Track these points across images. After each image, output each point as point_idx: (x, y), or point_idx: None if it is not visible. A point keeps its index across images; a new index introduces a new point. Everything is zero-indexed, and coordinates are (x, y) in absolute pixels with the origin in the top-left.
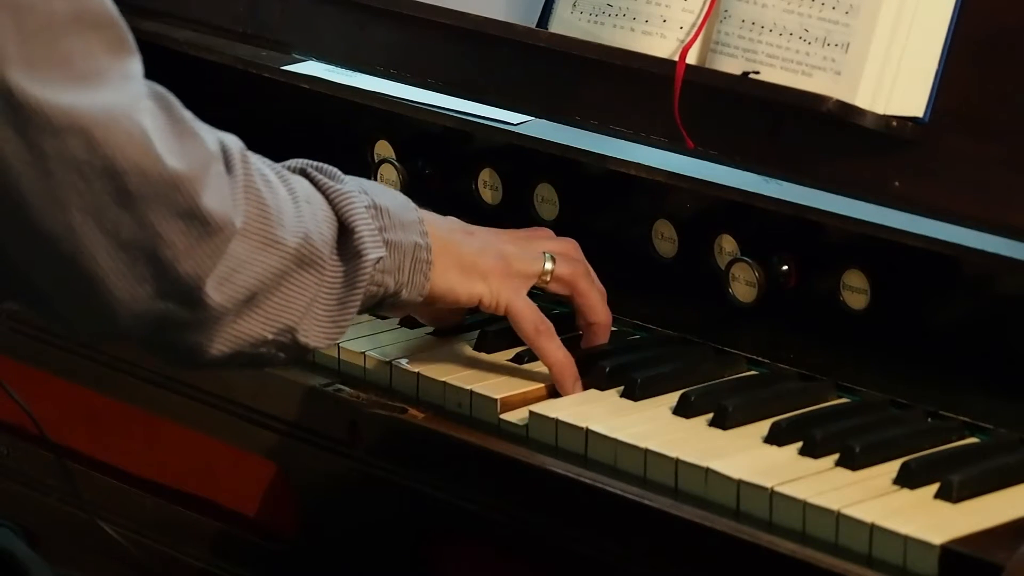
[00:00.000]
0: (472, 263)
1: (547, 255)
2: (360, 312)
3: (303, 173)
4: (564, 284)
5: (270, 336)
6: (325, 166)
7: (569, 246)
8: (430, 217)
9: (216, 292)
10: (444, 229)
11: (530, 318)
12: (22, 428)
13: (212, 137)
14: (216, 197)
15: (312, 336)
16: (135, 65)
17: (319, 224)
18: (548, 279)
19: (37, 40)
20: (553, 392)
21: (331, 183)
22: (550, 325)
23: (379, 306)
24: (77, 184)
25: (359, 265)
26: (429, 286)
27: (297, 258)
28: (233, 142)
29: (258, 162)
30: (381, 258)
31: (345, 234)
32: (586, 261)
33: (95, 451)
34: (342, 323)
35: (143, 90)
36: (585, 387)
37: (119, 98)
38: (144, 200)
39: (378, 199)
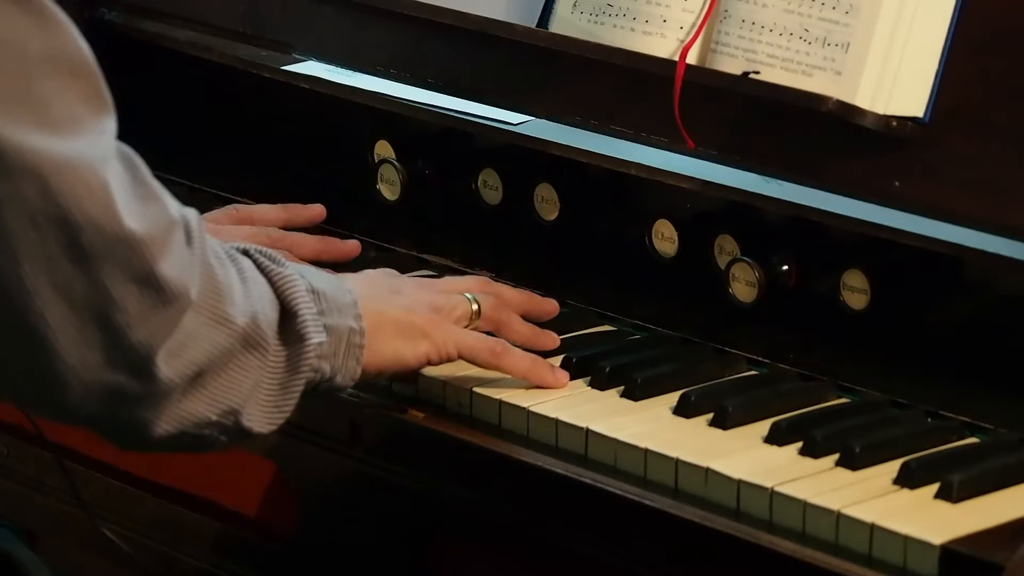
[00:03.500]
0: (410, 323)
1: (469, 296)
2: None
3: (246, 254)
4: (491, 322)
5: (214, 417)
6: (267, 249)
7: (481, 282)
8: (359, 288)
9: (166, 365)
10: (375, 299)
11: (482, 347)
12: (21, 428)
13: (176, 205)
14: (174, 265)
15: (256, 421)
16: (110, 123)
17: (264, 307)
18: (477, 319)
19: (6, 77)
20: (553, 391)
21: (273, 266)
22: (503, 343)
23: (314, 391)
24: (29, 233)
25: (302, 349)
26: (360, 370)
27: (244, 339)
28: (193, 215)
29: (209, 239)
30: (322, 342)
31: (287, 318)
32: (500, 288)
33: (94, 451)
34: (285, 408)
35: (113, 149)
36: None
37: (87, 150)
38: (99, 259)
39: (315, 283)
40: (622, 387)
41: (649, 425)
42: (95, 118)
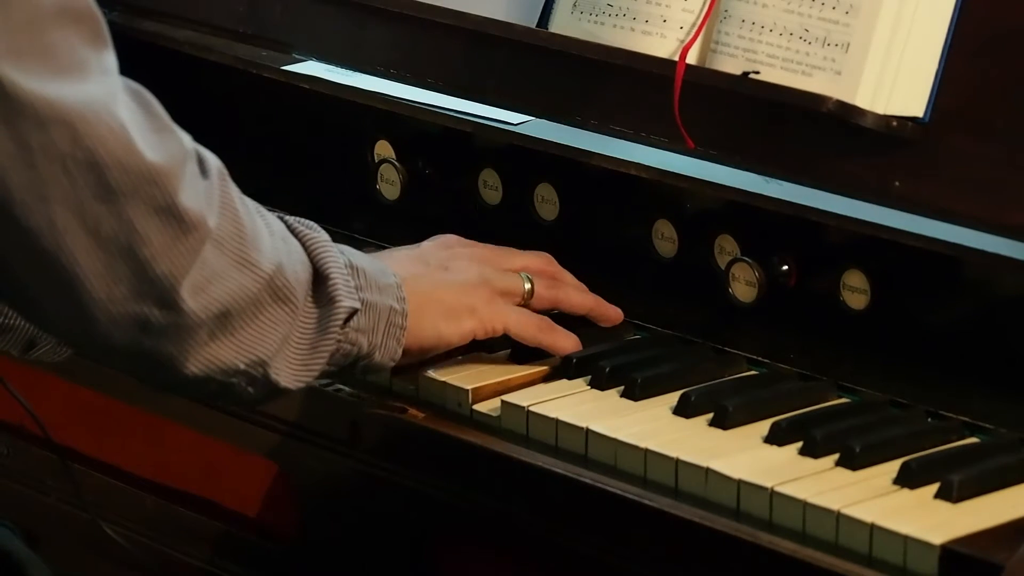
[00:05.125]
0: (456, 303)
1: (524, 276)
2: (333, 370)
3: (280, 219)
4: (544, 301)
5: (242, 366)
6: (302, 219)
7: (543, 261)
8: (405, 269)
9: (191, 298)
10: (421, 278)
11: (529, 325)
12: (22, 428)
13: (187, 137)
14: (191, 195)
15: (283, 375)
16: (111, 58)
17: (294, 264)
18: (530, 298)
19: (23, 33)
20: (552, 391)
21: (306, 231)
22: (548, 320)
23: (352, 367)
24: (60, 178)
25: (332, 311)
26: (402, 351)
27: (271, 289)
28: (212, 157)
29: (234, 185)
30: (356, 311)
31: (320, 280)
32: (561, 270)
33: (96, 451)
34: (313, 367)
35: (120, 84)
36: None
37: (99, 91)
38: (124, 195)
39: (354, 259)
40: (622, 387)
41: (649, 425)
42: (98, 57)
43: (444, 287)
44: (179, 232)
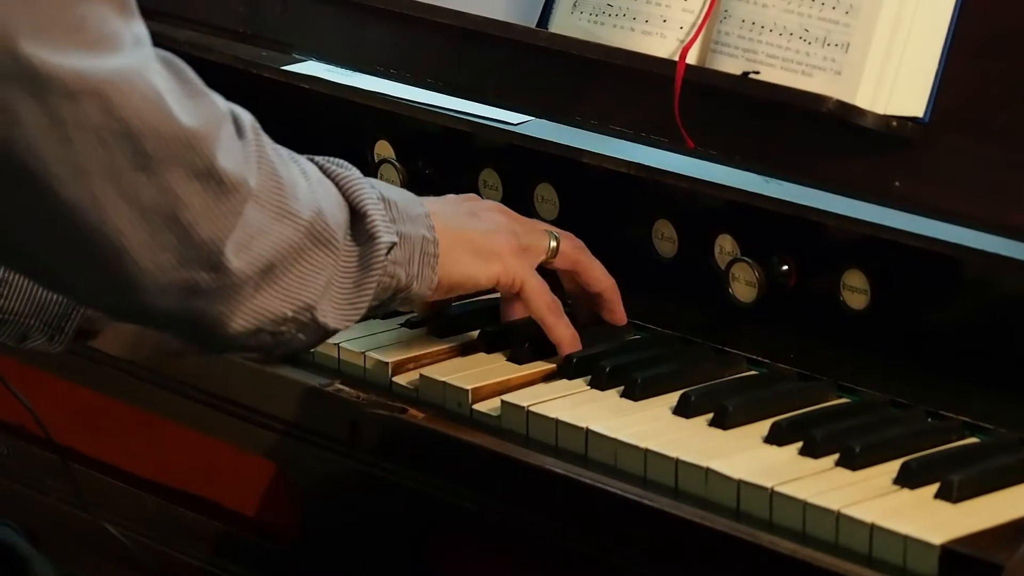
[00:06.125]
0: (485, 245)
1: (551, 233)
2: (376, 304)
3: (311, 161)
4: (568, 260)
5: (290, 313)
6: (333, 159)
7: (568, 234)
8: (435, 207)
9: (236, 257)
10: (450, 217)
11: (543, 296)
12: (23, 428)
13: (221, 100)
14: (229, 157)
15: (331, 317)
16: (142, 28)
17: (332, 206)
18: (554, 256)
19: (51, 8)
20: (552, 391)
21: (339, 170)
22: (559, 303)
23: (392, 300)
24: (96, 150)
25: (373, 248)
26: (437, 279)
27: (312, 234)
28: (245, 114)
29: (267, 138)
30: (394, 244)
31: (357, 218)
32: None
33: (96, 451)
34: (359, 305)
35: (152, 54)
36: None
37: (131, 61)
38: (162, 162)
39: (385, 192)
40: (622, 387)
41: (649, 425)
42: (128, 28)
43: (472, 228)
44: (220, 194)
